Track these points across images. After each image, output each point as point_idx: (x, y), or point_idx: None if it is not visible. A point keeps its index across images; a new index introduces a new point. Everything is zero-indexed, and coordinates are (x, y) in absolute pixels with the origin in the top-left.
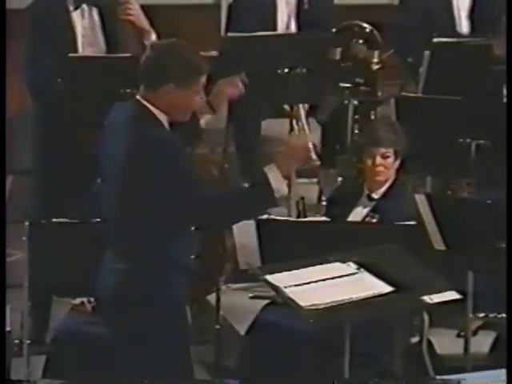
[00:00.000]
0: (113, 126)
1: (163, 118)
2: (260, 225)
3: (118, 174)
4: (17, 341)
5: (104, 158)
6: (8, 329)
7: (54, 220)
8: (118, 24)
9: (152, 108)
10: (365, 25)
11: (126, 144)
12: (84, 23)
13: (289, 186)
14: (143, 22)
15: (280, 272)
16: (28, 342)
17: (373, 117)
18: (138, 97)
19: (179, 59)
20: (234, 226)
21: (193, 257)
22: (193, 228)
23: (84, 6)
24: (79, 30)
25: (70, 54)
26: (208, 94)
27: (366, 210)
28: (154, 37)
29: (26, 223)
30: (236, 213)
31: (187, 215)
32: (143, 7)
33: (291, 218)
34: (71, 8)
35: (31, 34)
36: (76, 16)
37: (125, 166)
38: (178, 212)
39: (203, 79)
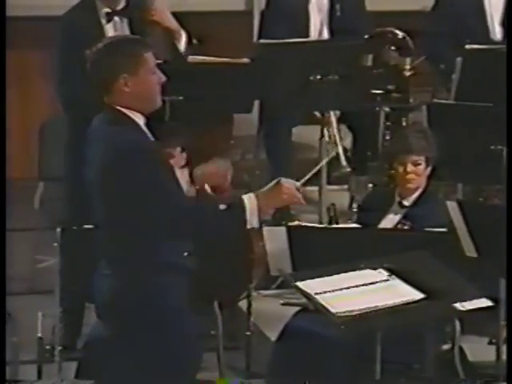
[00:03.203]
0: (91, 134)
1: (138, 118)
2: (291, 231)
3: (97, 181)
4: (48, 347)
5: (86, 165)
6: (39, 335)
7: (86, 226)
8: (148, 33)
9: (124, 110)
10: (397, 31)
11: (102, 150)
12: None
13: (320, 193)
14: (171, 22)
15: (311, 279)
16: (59, 347)
17: (404, 123)
18: (107, 102)
19: (118, 48)
20: (265, 233)
21: (185, 254)
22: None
23: (116, 18)
24: None
25: None
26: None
27: (397, 217)
28: (184, 38)
29: (58, 229)
30: (205, 230)
31: (160, 222)
32: (176, 14)
33: (322, 225)
34: (103, 21)
35: (64, 47)
36: (109, 28)
37: (102, 172)
38: (153, 217)
39: (151, 57)
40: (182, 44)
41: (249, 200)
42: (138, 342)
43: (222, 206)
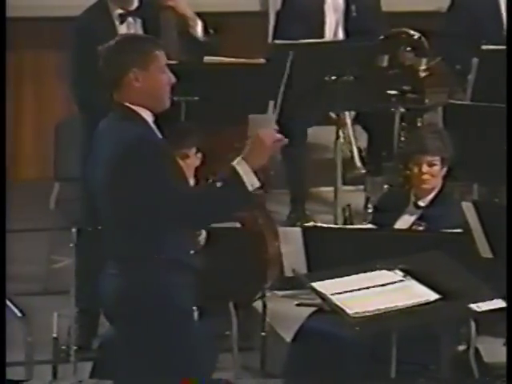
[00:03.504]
0: (98, 135)
1: (146, 115)
2: (306, 232)
3: (104, 178)
4: (63, 347)
5: (92, 165)
6: (55, 335)
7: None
8: (162, 33)
9: (132, 106)
10: (412, 32)
11: (109, 146)
12: None
13: (335, 194)
14: (186, 9)
15: (326, 279)
16: (75, 348)
17: (420, 124)
18: (115, 99)
19: (129, 44)
20: (280, 233)
21: (192, 252)
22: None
23: (129, 18)
24: None
25: None
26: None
27: (412, 218)
28: (200, 26)
29: (74, 230)
30: (213, 212)
31: (166, 215)
32: None
33: (337, 225)
34: (117, 22)
35: (78, 48)
36: (123, 29)
37: (109, 168)
38: (158, 212)
39: (162, 55)
40: (199, 31)
41: (239, 164)
42: (147, 341)
43: (219, 184)
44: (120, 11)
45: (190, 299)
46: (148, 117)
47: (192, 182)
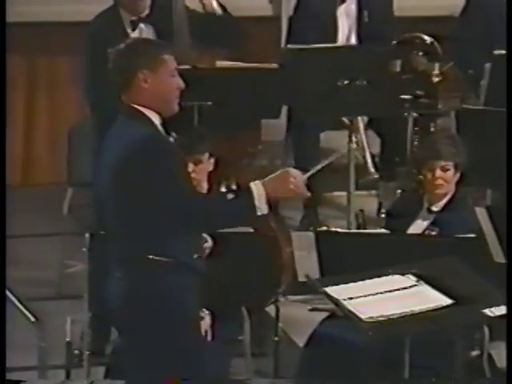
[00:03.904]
0: (108, 136)
1: (154, 117)
2: (319, 237)
3: (110, 180)
4: (77, 351)
5: (98, 165)
6: (68, 340)
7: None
8: (175, 39)
9: (140, 108)
10: (425, 37)
11: (115, 146)
12: None
13: (348, 199)
14: None
15: (339, 284)
16: (88, 352)
17: (433, 129)
18: (123, 101)
19: (138, 47)
20: (294, 238)
21: (196, 256)
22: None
23: (141, 25)
24: None
25: None
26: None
27: (425, 223)
28: (215, 2)
29: (87, 235)
30: (214, 221)
31: (168, 218)
32: None
33: (350, 230)
34: (129, 29)
35: (91, 53)
36: (135, 35)
37: (115, 169)
38: (164, 211)
39: (171, 59)
40: (216, 7)
41: (256, 187)
42: (151, 344)
43: (230, 196)
44: (132, 18)
45: (195, 302)
46: (155, 119)
47: (205, 186)
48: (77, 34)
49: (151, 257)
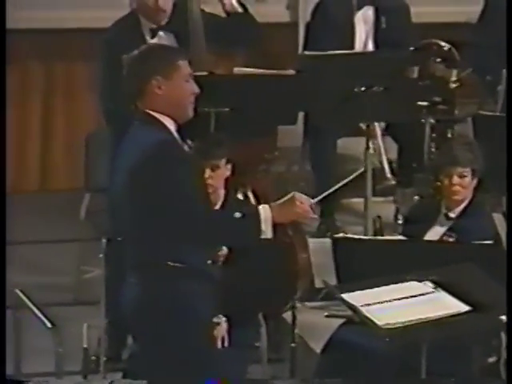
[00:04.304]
0: (124, 142)
1: (169, 123)
2: (336, 243)
3: (124, 185)
4: (93, 357)
5: (114, 170)
6: (85, 345)
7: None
8: (193, 46)
9: (155, 114)
10: (443, 43)
11: (130, 152)
12: None
13: (365, 205)
14: None
15: (356, 291)
16: (105, 358)
17: (450, 135)
18: (138, 107)
19: (153, 53)
20: (310, 244)
21: (209, 262)
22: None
23: (160, 33)
24: None
25: None
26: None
27: (443, 229)
28: (234, 1)
29: (103, 240)
30: (219, 236)
31: (179, 224)
32: None
33: (367, 237)
34: (148, 37)
35: (107, 60)
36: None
37: (129, 174)
38: (176, 224)
39: (185, 65)
40: (236, 5)
41: (264, 210)
42: (166, 350)
43: (238, 214)
44: (151, 26)
45: (209, 308)
46: (170, 125)
47: (222, 192)
48: (95, 40)
49: (165, 263)
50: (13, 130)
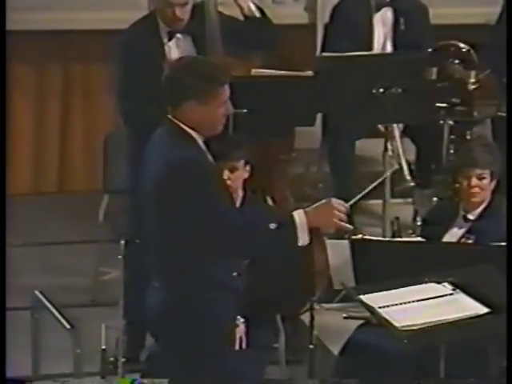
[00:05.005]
0: (150, 146)
1: (196, 135)
2: (354, 244)
3: (150, 192)
4: (112, 358)
5: (141, 175)
6: (103, 347)
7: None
8: (208, 46)
9: (184, 126)
10: (461, 45)
11: (157, 162)
12: (179, 52)
13: (383, 206)
14: None
15: (374, 292)
16: (123, 359)
17: (469, 137)
18: (169, 116)
19: (195, 74)
20: (329, 246)
21: (235, 274)
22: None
23: (178, 35)
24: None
25: None
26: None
27: (461, 231)
28: (252, 5)
29: (122, 242)
30: (255, 247)
31: (211, 239)
32: None
33: (386, 238)
34: (165, 39)
35: (124, 61)
36: (171, 45)
37: (155, 184)
38: (203, 234)
39: (225, 90)
40: (254, 10)
41: (299, 216)
42: (186, 355)
43: (273, 225)
44: (169, 29)
45: (230, 313)
46: (198, 138)
47: (240, 193)
48: (113, 41)
49: (188, 271)
50: (31, 131)
